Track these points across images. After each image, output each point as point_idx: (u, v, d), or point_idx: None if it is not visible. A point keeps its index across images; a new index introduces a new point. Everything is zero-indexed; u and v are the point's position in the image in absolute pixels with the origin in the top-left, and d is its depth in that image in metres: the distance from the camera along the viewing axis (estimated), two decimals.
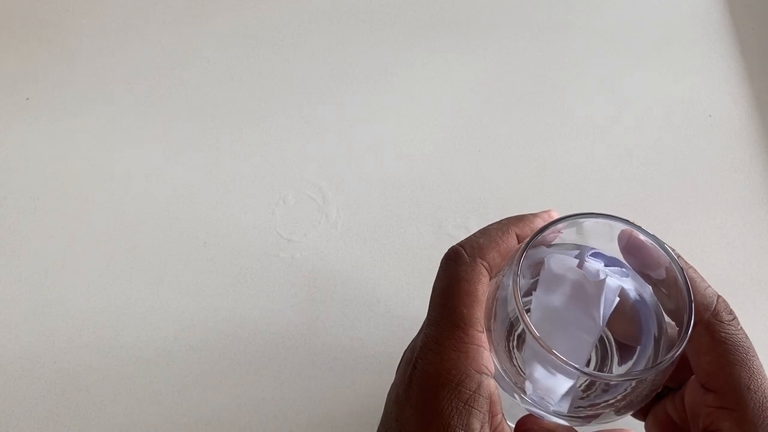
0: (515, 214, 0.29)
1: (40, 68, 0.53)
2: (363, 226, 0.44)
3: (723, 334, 0.24)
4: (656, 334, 0.26)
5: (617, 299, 0.26)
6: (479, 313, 0.25)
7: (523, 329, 0.24)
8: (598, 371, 0.27)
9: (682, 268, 0.24)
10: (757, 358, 0.25)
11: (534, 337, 0.23)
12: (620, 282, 0.27)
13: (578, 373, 0.22)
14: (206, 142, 0.48)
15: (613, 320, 0.26)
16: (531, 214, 0.28)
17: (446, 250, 0.27)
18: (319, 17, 0.55)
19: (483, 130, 0.48)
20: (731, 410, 0.24)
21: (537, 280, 0.27)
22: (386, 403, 0.26)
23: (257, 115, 0.49)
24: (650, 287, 0.27)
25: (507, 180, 0.45)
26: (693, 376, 0.26)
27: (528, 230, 0.27)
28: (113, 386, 0.38)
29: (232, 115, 0.49)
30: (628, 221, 0.26)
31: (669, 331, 0.26)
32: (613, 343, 0.28)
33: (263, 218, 0.44)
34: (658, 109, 0.49)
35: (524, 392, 0.25)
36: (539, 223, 0.27)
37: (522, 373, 0.25)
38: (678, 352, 0.23)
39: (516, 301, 0.23)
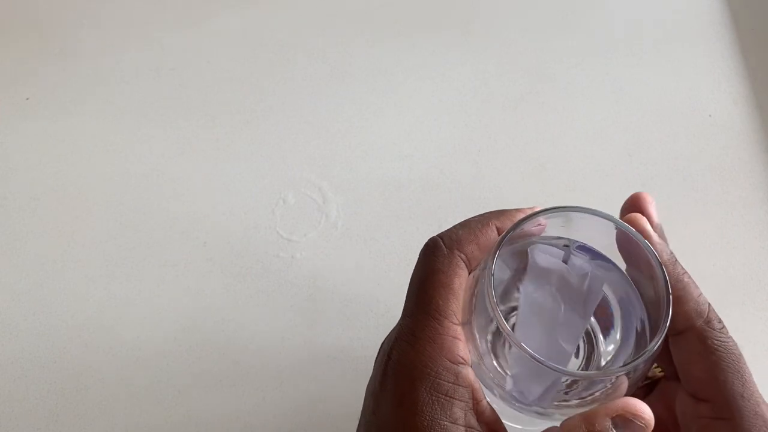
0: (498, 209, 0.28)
1: (40, 68, 0.53)
2: (363, 226, 0.43)
3: (716, 342, 0.24)
4: (638, 329, 0.26)
5: (602, 293, 0.26)
6: (455, 305, 0.24)
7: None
8: (584, 364, 0.27)
9: (661, 262, 0.24)
10: (747, 366, 0.24)
11: (506, 334, 0.22)
12: (605, 276, 0.27)
13: (550, 370, 0.22)
14: (206, 142, 0.48)
15: (597, 316, 0.26)
16: (514, 209, 0.28)
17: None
18: (319, 17, 0.55)
19: (483, 130, 0.48)
20: (727, 420, 0.23)
21: (522, 273, 0.27)
22: (365, 395, 0.26)
23: (257, 115, 0.49)
24: (633, 282, 0.27)
25: (507, 180, 0.45)
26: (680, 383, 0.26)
27: (509, 224, 0.27)
28: (113, 386, 0.38)
29: (232, 115, 0.49)
30: (609, 215, 0.26)
31: (650, 325, 0.25)
32: (600, 335, 0.27)
33: (263, 218, 0.44)
34: (658, 109, 0.49)
35: (503, 387, 0.25)
36: (520, 218, 0.27)
37: (502, 369, 0.25)
38: (657, 345, 0.23)
39: (489, 297, 0.23)
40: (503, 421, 0.25)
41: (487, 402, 0.24)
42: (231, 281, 0.41)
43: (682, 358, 0.25)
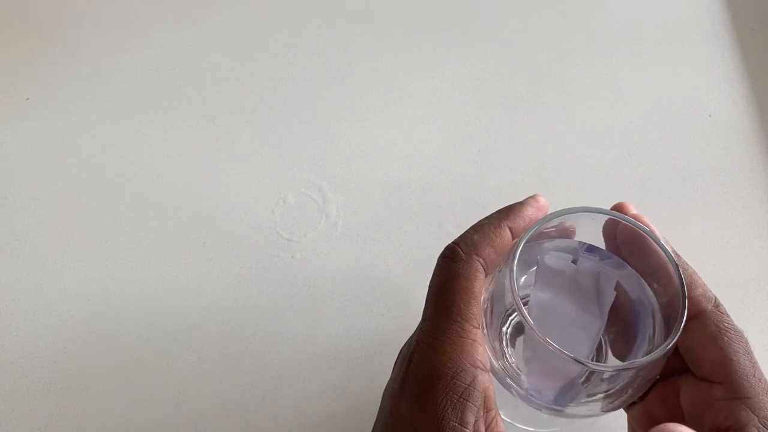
0: (504, 206, 0.28)
1: (40, 68, 0.53)
2: (363, 226, 0.43)
3: (726, 324, 0.25)
4: (651, 332, 0.26)
5: (614, 294, 0.26)
6: (475, 309, 0.25)
7: (518, 323, 0.24)
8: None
9: (675, 260, 0.25)
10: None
11: (530, 327, 0.23)
12: (616, 276, 0.27)
13: (576, 363, 0.22)
14: (206, 142, 0.48)
15: (610, 315, 0.26)
16: (519, 204, 0.28)
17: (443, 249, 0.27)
18: (319, 17, 0.55)
19: (483, 130, 0.48)
20: (745, 398, 0.23)
21: (534, 276, 0.27)
22: (382, 398, 0.26)
23: (257, 115, 0.49)
24: (644, 281, 0.27)
25: (507, 180, 0.45)
26: (684, 375, 0.26)
27: (519, 221, 0.27)
28: (113, 386, 0.38)
29: (232, 115, 0.49)
30: (619, 215, 0.26)
31: (662, 326, 0.26)
32: (607, 338, 0.28)
33: (263, 218, 0.44)
34: (658, 109, 0.49)
35: (521, 386, 0.25)
36: (529, 212, 0.27)
37: (517, 368, 0.25)
38: (674, 341, 0.23)
39: (514, 295, 0.23)
40: (515, 424, 0.25)
41: (496, 411, 0.24)
42: (231, 281, 0.41)
43: (692, 343, 0.25)
